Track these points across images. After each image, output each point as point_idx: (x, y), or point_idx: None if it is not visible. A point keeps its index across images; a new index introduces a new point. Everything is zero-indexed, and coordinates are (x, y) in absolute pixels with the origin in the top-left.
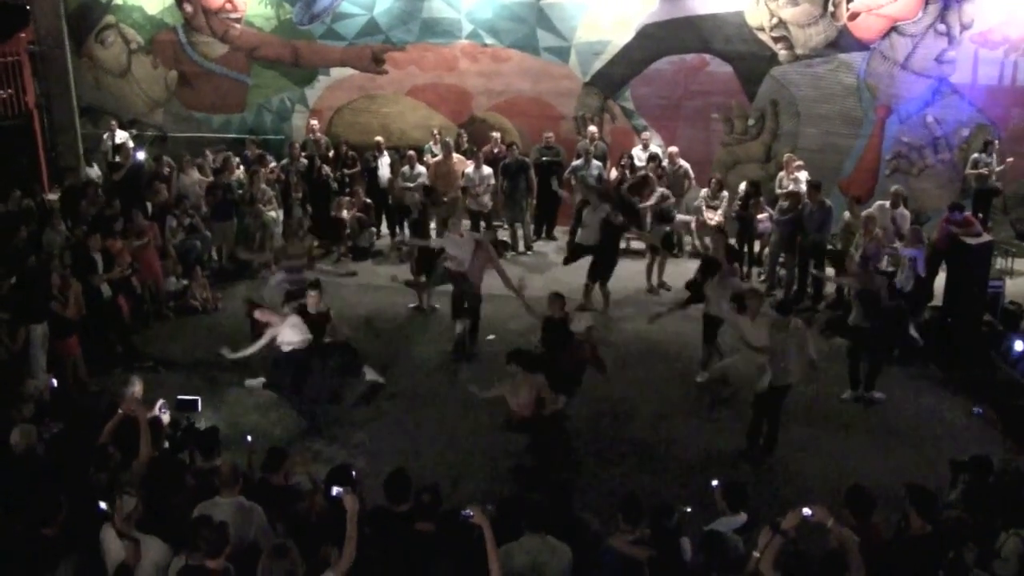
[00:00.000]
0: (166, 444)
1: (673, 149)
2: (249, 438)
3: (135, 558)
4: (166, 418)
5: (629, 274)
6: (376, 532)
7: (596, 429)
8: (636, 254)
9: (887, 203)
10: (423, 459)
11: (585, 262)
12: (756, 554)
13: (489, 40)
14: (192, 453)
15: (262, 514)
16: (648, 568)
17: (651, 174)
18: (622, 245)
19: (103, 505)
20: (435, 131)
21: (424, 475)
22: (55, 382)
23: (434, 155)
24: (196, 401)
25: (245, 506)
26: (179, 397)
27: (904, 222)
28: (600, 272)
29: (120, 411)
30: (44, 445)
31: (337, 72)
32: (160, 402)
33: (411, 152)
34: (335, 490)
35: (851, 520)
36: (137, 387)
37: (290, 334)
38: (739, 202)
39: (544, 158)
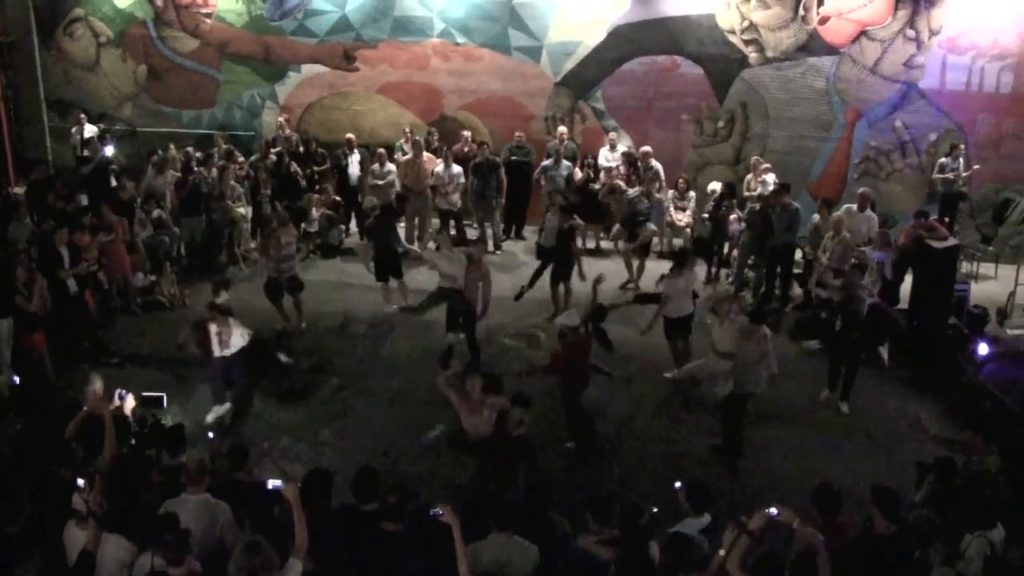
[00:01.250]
0: (132, 441)
1: (646, 149)
2: (211, 435)
3: (95, 543)
4: (129, 403)
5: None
6: (344, 531)
7: (566, 429)
8: (605, 253)
9: (854, 206)
10: (391, 457)
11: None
12: (721, 552)
13: (461, 39)
14: (158, 450)
15: (228, 511)
16: (615, 568)
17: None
18: (591, 245)
19: (80, 482)
20: (406, 129)
21: (392, 473)
22: (17, 379)
23: (405, 153)
24: (161, 398)
25: (211, 503)
26: (143, 394)
27: (872, 225)
28: (558, 274)
29: (85, 408)
30: (8, 443)
31: (308, 69)
32: (118, 391)
33: (381, 150)
34: (271, 483)
35: (817, 519)
36: (97, 384)
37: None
38: (712, 204)
39: (514, 157)
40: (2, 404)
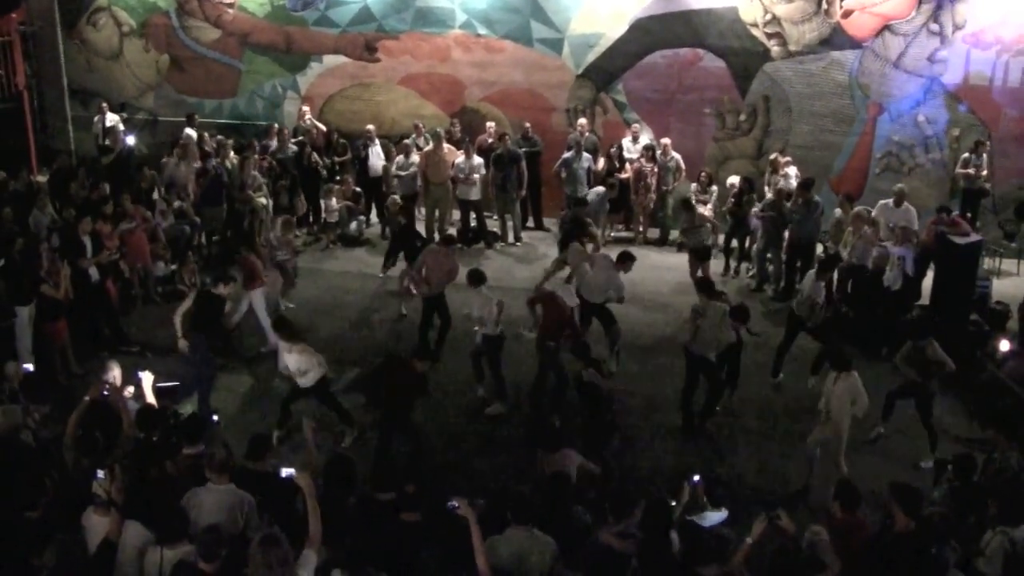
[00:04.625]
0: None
1: (666, 141)
2: (215, 418)
3: (117, 532)
4: (147, 380)
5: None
6: (362, 520)
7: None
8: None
9: (890, 201)
10: (410, 447)
11: None
12: (749, 540)
13: (483, 30)
14: (179, 439)
15: (252, 502)
16: (638, 560)
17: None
18: (611, 234)
19: (100, 474)
20: (418, 124)
21: (411, 464)
22: (30, 367)
23: (419, 148)
24: (176, 387)
25: (235, 493)
26: (158, 384)
27: (911, 218)
28: None
29: (86, 399)
30: (31, 433)
31: (330, 59)
32: (139, 375)
33: (407, 141)
34: (284, 472)
35: (838, 514)
36: (115, 372)
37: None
38: (732, 199)
39: (522, 149)
40: (13, 392)
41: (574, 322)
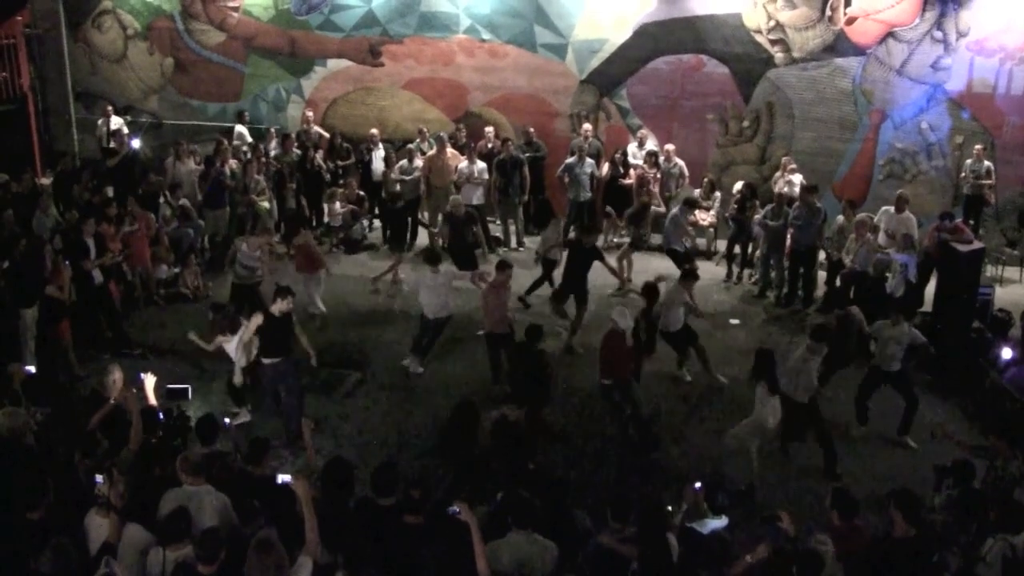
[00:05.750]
0: (159, 432)
1: (670, 147)
2: (228, 420)
3: (116, 534)
4: (149, 382)
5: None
6: (363, 523)
7: (587, 428)
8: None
9: (892, 208)
10: (411, 452)
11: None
12: (748, 559)
13: (486, 35)
14: (184, 441)
15: (228, 502)
16: (638, 564)
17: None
18: (614, 239)
19: (99, 478)
20: (423, 128)
21: (411, 468)
22: (32, 369)
23: (423, 152)
24: (187, 389)
25: (212, 494)
26: (169, 386)
27: (911, 226)
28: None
29: (112, 401)
30: (33, 432)
31: (334, 63)
32: (141, 376)
33: (411, 146)
34: (280, 478)
35: (836, 521)
36: (117, 375)
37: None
38: (735, 205)
39: (526, 154)
40: (14, 393)
41: (633, 356)
